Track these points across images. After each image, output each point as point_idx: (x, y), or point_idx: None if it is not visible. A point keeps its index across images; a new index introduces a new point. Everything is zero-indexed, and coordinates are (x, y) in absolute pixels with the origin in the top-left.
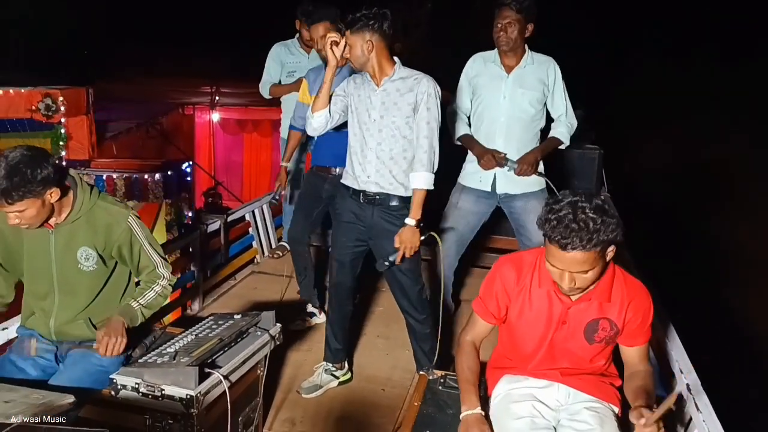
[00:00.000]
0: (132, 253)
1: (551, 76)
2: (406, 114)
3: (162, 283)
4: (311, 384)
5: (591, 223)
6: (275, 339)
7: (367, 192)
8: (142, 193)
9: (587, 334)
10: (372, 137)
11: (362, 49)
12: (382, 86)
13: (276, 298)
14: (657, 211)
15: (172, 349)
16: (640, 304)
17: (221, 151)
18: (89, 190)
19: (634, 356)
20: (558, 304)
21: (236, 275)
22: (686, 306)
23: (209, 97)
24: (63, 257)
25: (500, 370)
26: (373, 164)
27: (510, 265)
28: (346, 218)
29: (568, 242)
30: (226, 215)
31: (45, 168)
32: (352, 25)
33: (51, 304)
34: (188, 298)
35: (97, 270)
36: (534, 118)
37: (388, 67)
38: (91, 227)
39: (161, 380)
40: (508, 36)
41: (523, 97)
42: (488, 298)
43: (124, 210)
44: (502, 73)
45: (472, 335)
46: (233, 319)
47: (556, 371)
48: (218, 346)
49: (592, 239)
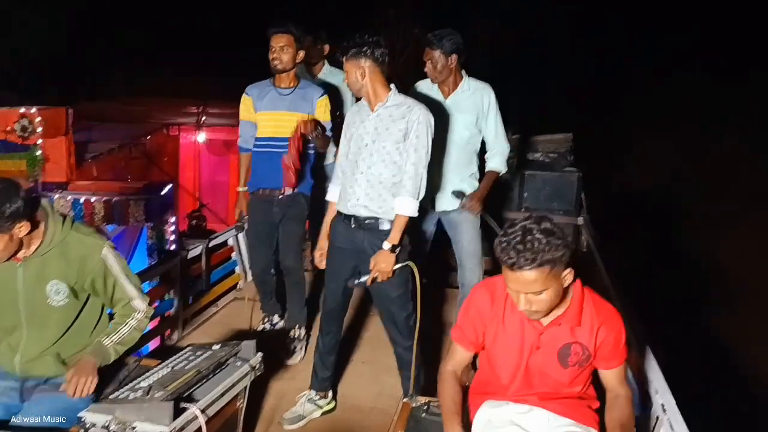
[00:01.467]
0: (106, 285)
1: (486, 102)
2: (396, 140)
3: (138, 317)
4: (294, 414)
5: (536, 243)
6: (255, 369)
7: (358, 216)
8: (123, 216)
9: (561, 359)
10: (363, 161)
11: (356, 75)
12: (375, 111)
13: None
14: (638, 231)
15: (146, 383)
16: (611, 326)
17: (207, 173)
18: (61, 221)
19: (612, 379)
20: (530, 329)
21: (218, 302)
22: (664, 325)
23: (195, 117)
24: (31, 292)
25: (482, 395)
26: (363, 188)
27: (484, 291)
28: (338, 243)
29: (515, 261)
30: (208, 240)
31: (14, 202)
32: (347, 53)
33: (18, 338)
34: (167, 327)
35: (68, 304)
36: (469, 141)
37: (382, 93)
38: (64, 259)
39: (134, 417)
40: (433, 71)
41: (458, 121)
42: (466, 326)
43: (98, 241)
44: (440, 98)
45: (452, 364)
46: (212, 349)
47: (534, 396)
48: (195, 378)
49: (536, 258)
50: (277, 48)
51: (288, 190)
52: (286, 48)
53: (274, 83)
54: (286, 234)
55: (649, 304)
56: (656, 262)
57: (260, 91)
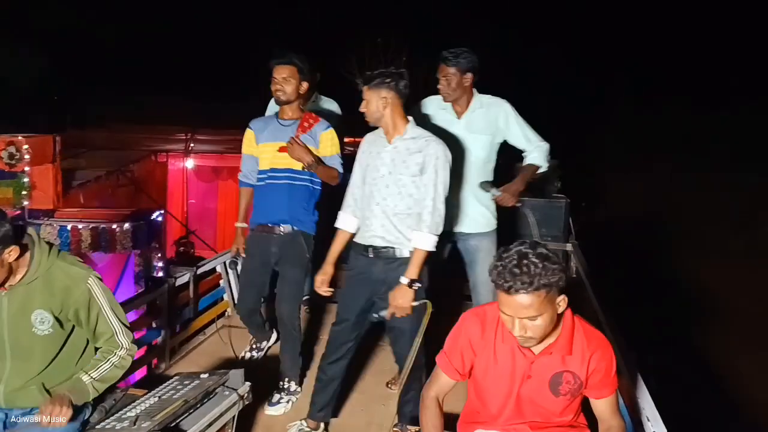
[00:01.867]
0: (89, 317)
1: (502, 118)
2: (413, 173)
3: (120, 353)
4: None
5: (532, 267)
6: (244, 399)
7: (375, 246)
8: (110, 243)
9: (552, 388)
10: (379, 192)
11: (377, 105)
12: (393, 143)
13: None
14: (626, 257)
15: (133, 412)
16: (602, 355)
17: (195, 199)
18: (48, 250)
19: (604, 409)
20: (521, 358)
21: (205, 330)
22: (654, 352)
23: (183, 144)
24: (16, 321)
25: (472, 425)
26: (379, 218)
27: (475, 319)
28: (355, 274)
29: (511, 284)
30: (195, 268)
31: (2, 226)
32: (370, 81)
33: (2, 370)
34: (154, 355)
35: (53, 334)
36: (486, 162)
37: (401, 125)
38: (48, 289)
39: None
40: (447, 88)
41: (474, 142)
42: (453, 353)
43: (83, 271)
44: (452, 118)
45: (435, 390)
46: (199, 378)
47: (525, 425)
48: (183, 408)
49: (533, 282)
50: (279, 79)
51: (286, 226)
52: (289, 79)
53: (277, 115)
54: (283, 280)
55: (639, 330)
56: (644, 288)
57: (264, 123)
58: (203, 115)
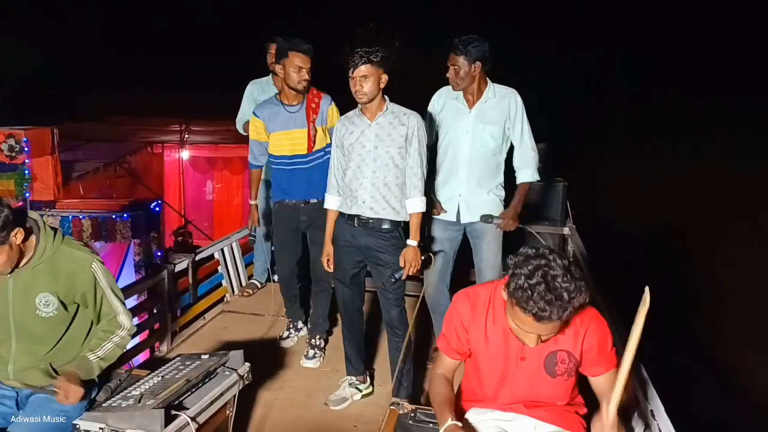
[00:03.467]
0: (95, 299)
1: (512, 108)
2: (399, 145)
3: (121, 333)
4: (338, 397)
5: (565, 294)
6: (244, 378)
7: (361, 216)
8: (110, 233)
9: (548, 368)
10: (367, 166)
11: (377, 82)
12: (375, 120)
13: (246, 337)
14: (625, 244)
15: (138, 391)
16: (595, 330)
17: (191, 190)
18: (53, 235)
19: (603, 386)
20: (514, 340)
21: (205, 315)
22: (653, 335)
23: (179, 135)
24: (21, 303)
25: (468, 402)
26: (369, 190)
27: (465, 299)
28: (341, 242)
29: (545, 315)
30: (194, 254)
31: (1, 211)
32: (375, 58)
33: (8, 350)
34: (156, 339)
35: (57, 316)
36: (495, 152)
37: (383, 103)
38: (53, 273)
39: (126, 424)
40: (455, 77)
41: (484, 131)
42: (450, 335)
43: (88, 256)
44: (464, 108)
45: (442, 369)
46: (201, 359)
47: (520, 404)
48: (185, 387)
49: (567, 308)
50: (306, 69)
51: (313, 199)
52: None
53: (281, 100)
54: (315, 243)
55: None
56: (643, 275)
57: (270, 111)
58: (197, 106)
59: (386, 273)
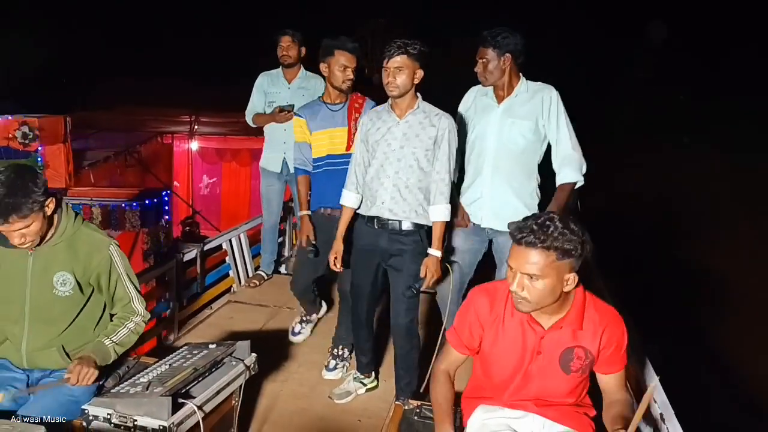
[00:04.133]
0: (110, 282)
1: (546, 104)
2: (426, 146)
3: (135, 320)
4: (342, 390)
5: (551, 228)
6: (250, 369)
7: (381, 218)
8: (119, 222)
9: (563, 364)
10: (391, 165)
11: (411, 77)
12: (405, 118)
13: (252, 328)
14: (634, 241)
15: (146, 379)
16: (614, 330)
17: (200, 180)
18: (74, 216)
19: (611, 384)
20: (531, 333)
21: (212, 304)
22: (662, 333)
23: (188, 125)
24: (39, 280)
25: (475, 400)
26: (389, 191)
27: (483, 294)
28: (361, 244)
29: (524, 236)
30: (202, 244)
31: (39, 178)
32: (413, 50)
33: (21, 329)
34: (163, 327)
35: (72, 296)
36: (525, 151)
37: (414, 100)
38: (72, 252)
39: (134, 411)
40: (484, 71)
41: (512, 127)
42: (462, 329)
43: (106, 239)
44: (492, 103)
45: (446, 365)
46: (208, 348)
47: (530, 402)
48: (192, 375)
49: (546, 240)
50: (351, 69)
51: None
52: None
53: (324, 100)
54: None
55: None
56: (652, 273)
57: (311, 111)
58: (207, 97)
59: (402, 280)
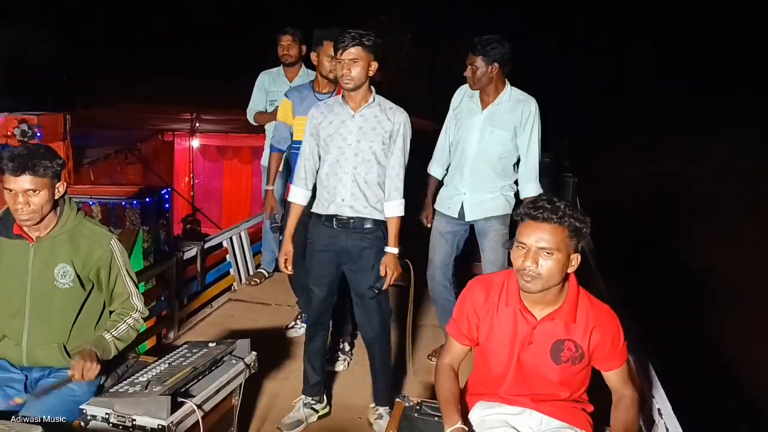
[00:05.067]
0: (110, 276)
1: (525, 115)
2: (383, 140)
3: (135, 316)
4: (293, 420)
5: (561, 206)
6: (250, 367)
7: (340, 216)
8: (119, 220)
9: (553, 354)
10: (348, 161)
11: (366, 69)
12: (359, 112)
13: (252, 326)
14: (635, 240)
15: (145, 378)
16: (607, 328)
17: (200, 178)
18: (76, 209)
19: (614, 380)
20: (523, 323)
21: (213, 303)
22: (660, 330)
23: (189, 123)
24: (40, 272)
25: (474, 396)
26: (349, 188)
27: (479, 285)
28: (319, 246)
29: (540, 212)
30: (203, 242)
31: (59, 157)
32: (367, 42)
33: (21, 323)
34: (163, 326)
35: (73, 289)
36: (501, 157)
37: (369, 93)
38: (73, 245)
39: (132, 410)
40: (473, 77)
41: (491, 135)
42: (460, 320)
43: (107, 233)
44: (477, 108)
45: (449, 358)
46: (208, 347)
47: (527, 397)
48: (192, 374)
49: (564, 216)
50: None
51: None
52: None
53: (313, 87)
54: None
55: (645, 309)
56: (652, 271)
57: (299, 95)
58: (208, 95)
59: (365, 279)
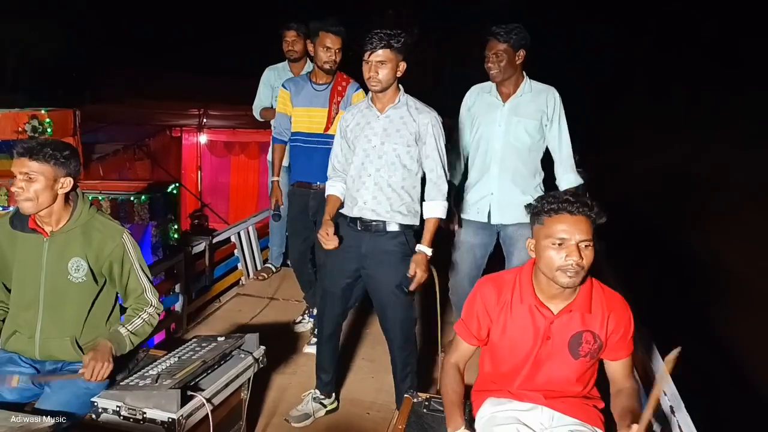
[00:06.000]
0: (123, 271)
1: (551, 105)
2: (407, 143)
3: (149, 311)
4: (301, 413)
5: (584, 197)
6: (259, 362)
7: (364, 219)
8: (128, 215)
9: (572, 348)
10: (371, 163)
11: (394, 71)
12: (385, 113)
13: (261, 321)
14: (643, 233)
15: (155, 371)
16: (621, 315)
17: (208, 173)
18: (89, 204)
19: (618, 371)
20: (540, 319)
21: (221, 297)
22: (668, 324)
23: (197, 119)
24: (54, 266)
25: (484, 392)
26: (371, 191)
27: (490, 284)
28: (343, 246)
29: (574, 207)
30: (211, 237)
31: (74, 153)
32: (396, 43)
33: (35, 316)
34: (172, 320)
35: (86, 283)
36: (531, 148)
37: (396, 94)
38: (86, 239)
39: (143, 403)
40: (497, 67)
41: (518, 125)
42: (469, 320)
43: (119, 227)
44: (497, 102)
45: (455, 357)
46: (217, 341)
47: (539, 393)
48: (201, 368)
49: (592, 209)
50: (334, 50)
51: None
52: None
53: (310, 78)
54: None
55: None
56: (660, 265)
57: (297, 86)
58: (215, 91)
59: (385, 283)
